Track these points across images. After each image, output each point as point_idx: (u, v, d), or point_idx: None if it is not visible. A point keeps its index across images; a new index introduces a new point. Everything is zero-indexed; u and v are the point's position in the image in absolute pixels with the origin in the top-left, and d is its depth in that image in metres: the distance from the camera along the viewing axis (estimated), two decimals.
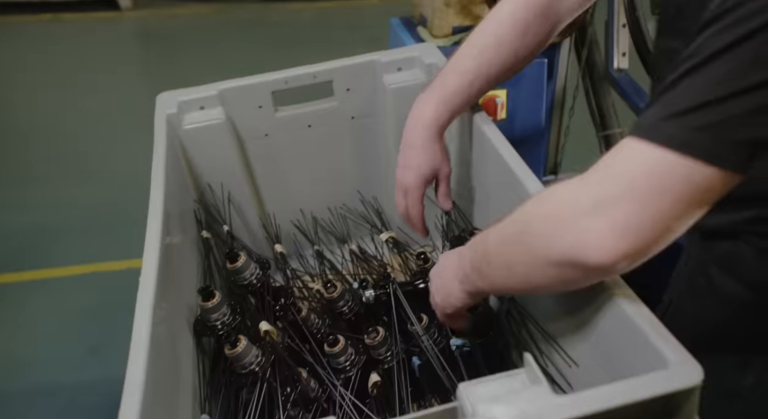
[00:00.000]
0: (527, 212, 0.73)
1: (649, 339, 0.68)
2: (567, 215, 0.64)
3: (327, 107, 1.38)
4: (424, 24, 1.76)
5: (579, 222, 0.63)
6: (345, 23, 5.29)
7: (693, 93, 0.61)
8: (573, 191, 0.65)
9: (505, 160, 1.03)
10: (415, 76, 1.35)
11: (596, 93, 1.89)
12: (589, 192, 0.63)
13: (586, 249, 0.62)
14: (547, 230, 0.67)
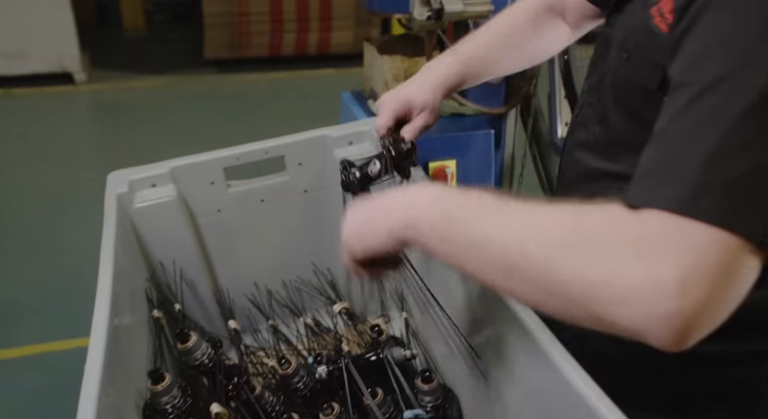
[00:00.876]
0: (574, 246, 0.59)
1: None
2: (635, 294, 0.55)
3: (279, 182, 1.40)
4: (374, 97, 1.81)
5: (651, 306, 0.54)
6: (299, 93, 5.39)
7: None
8: (642, 266, 0.55)
9: None
10: (366, 150, 1.38)
11: (543, 160, 1.96)
12: (663, 276, 0.54)
13: (651, 332, 0.55)
14: (600, 296, 0.57)
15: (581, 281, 0.57)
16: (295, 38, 5.88)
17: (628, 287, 0.55)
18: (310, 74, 5.82)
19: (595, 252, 0.57)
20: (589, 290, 0.57)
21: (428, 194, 0.71)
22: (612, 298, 0.56)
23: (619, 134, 0.80)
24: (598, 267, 0.57)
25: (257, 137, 1.38)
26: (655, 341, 0.55)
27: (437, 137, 1.62)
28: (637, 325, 0.55)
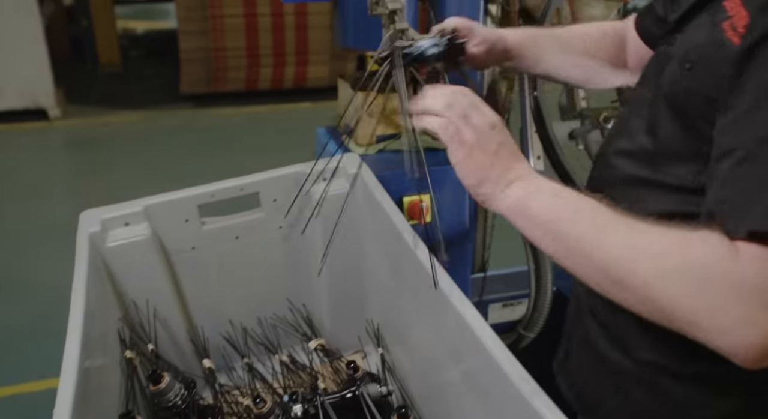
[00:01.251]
0: (675, 273, 0.69)
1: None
2: (733, 328, 0.66)
3: (254, 218, 1.40)
4: (349, 133, 1.82)
5: (744, 339, 0.66)
6: (275, 127, 5.41)
7: None
8: (741, 307, 0.66)
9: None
10: (340, 186, 1.39)
11: None
12: (757, 317, 0.65)
13: (739, 356, 0.67)
14: (701, 317, 0.67)
15: (686, 308, 0.68)
16: (271, 73, 5.92)
17: (727, 321, 0.66)
18: (287, 108, 5.86)
19: (701, 285, 0.67)
20: (692, 317, 0.68)
21: (543, 185, 0.81)
22: (712, 328, 0.67)
23: (669, 144, 0.84)
24: (704, 299, 0.67)
25: (233, 172, 1.38)
26: (741, 363, 0.67)
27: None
28: (729, 349, 0.67)
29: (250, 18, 5.58)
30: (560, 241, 0.76)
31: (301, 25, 5.68)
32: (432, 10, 1.75)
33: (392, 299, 1.30)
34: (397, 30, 1.48)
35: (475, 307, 2.05)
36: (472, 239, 1.99)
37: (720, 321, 0.66)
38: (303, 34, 5.73)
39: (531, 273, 1.90)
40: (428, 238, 1.47)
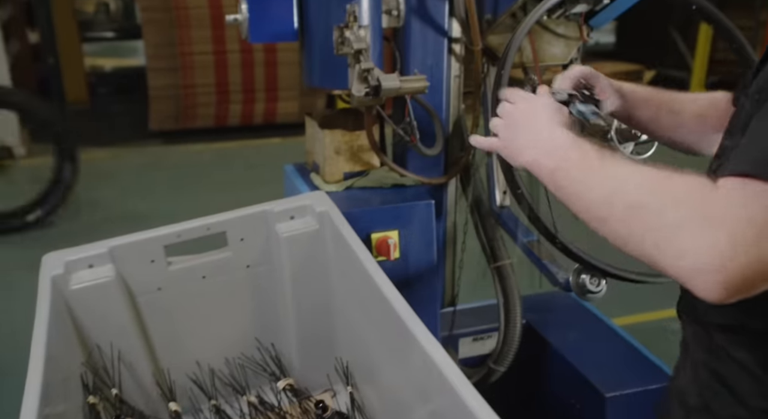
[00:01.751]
0: (650, 202, 0.74)
1: None
2: (695, 253, 0.68)
3: (221, 258, 1.39)
4: (316, 170, 1.83)
5: (701, 263, 0.67)
6: (245, 163, 5.41)
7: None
8: (699, 221, 0.68)
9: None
10: (308, 224, 1.39)
11: (485, 228, 2.00)
12: (717, 237, 0.66)
13: (697, 279, 0.68)
14: (664, 241, 0.71)
15: (656, 228, 0.72)
16: (241, 109, 5.93)
17: (691, 243, 0.68)
18: (257, 144, 5.86)
19: (672, 207, 0.71)
20: (659, 239, 0.71)
21: (553, 143, 0.93)
22: (676, 250, 0.69)
23: None
24: (672, 220, 0.70)
25: (202, 209, 1.38)
26: (700, 292, 0.68)
27: (379, 209, 1.64)
28: (688, 274, 0.68)
29: (220, 55, 5.61)
30: (561, 189, 0.88)
31: (271, 61, 5.72)
32: (397, 49, 1.79)
33: (361, 337, 1.30)
34: (363, 69, 1.51)
35: (446, 341, 2.07)
36: (442, 274, 2.00)
37: (684, 242, 0.68)
38: (272, 70, 5.77)
39: (500, 306, 1.91)
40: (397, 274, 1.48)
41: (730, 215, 0.67)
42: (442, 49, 1.78)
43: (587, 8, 1.63)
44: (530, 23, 1.48)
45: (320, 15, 1.62)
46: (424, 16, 1.73)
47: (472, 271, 2.11)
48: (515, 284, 1.91)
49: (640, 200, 0.75)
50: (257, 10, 1.57)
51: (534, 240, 1.63)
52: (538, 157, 0.94)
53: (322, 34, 1.63)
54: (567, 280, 1.48)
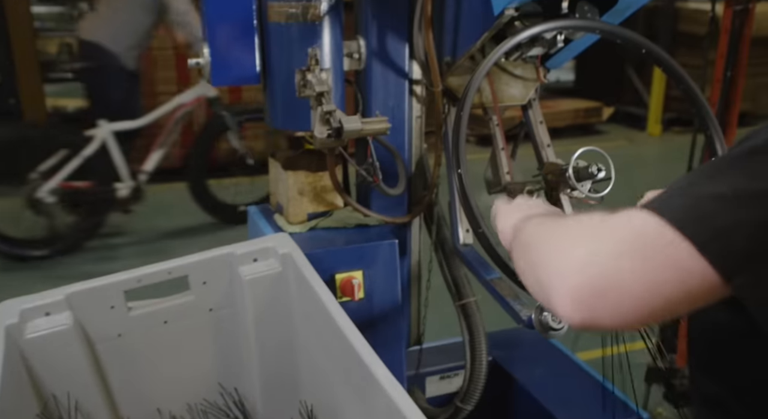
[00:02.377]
0: (540, 235, 0.77)
1: None
2: (555, 266, 0.67)
3: (183, 302, 1.38)
4: (280, 211, 1.83)
5: (559, 280, 0.65)
6: None
7: (717, 177, 0.65)
8: (571, 241, 0.68)
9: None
10: (271, 267, 1.39)
11: (449, 266, 2.01)
12: (574, 252, 0.65)
13: (556, 306, 0.66)
14: (541, 266, 0.71)
15: (545, 247, 0.72)
16: None
17: (553, 259, 0.68)
18: (225, 183, 5.82)
19: (554, 239, 0.72)
20: (544, 257, 0.71)
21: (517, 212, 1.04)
22: (545, 273, 0.69)
23: None
24: (559, 239, 0.71)
25: (167, 251, 1.36)
26: (562, 314, 0.65)
27: (343, 249, 1.65)
28: (550, 300, 0.66)
29: None
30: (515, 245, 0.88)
31: (235, 101, 5.74)
32: (359, 91, 1.81)
33: (325, 380, 1.28)
34: (325, 112, 1.53)
35: (413, 380, 2.05)
36: (407, 313, 2.00)
37: (551, 258, 0.68)
38: None
39: (466, 344, 1.91)
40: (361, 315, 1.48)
41: (601, 231, 0.66)
42: (403, 90, 1.81)
43: (543, 51, 1.68)
44: (488, 65, 1.52)
45: (282, 58, 1.64)
46: (385, 58, 1.77)
47: (438, 308, 2.12)
48: (480, 322, 1.92)
49: (527, 240, 0.80)
50: (219, 54, 1.58)
51: (497, 278, 1.64)
52: (506, 218, 1.08)
53: (284, 77, 1.65)
54: (530, 317, 1.49)
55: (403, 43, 1.77)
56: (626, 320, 0.63)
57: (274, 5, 1.59)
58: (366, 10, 1.72)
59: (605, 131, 7.01)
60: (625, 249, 0.63)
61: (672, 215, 0.64)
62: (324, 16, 1.61)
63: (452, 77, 1.75)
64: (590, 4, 1.55)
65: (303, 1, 1.58)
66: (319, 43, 1.62)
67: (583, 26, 1.53)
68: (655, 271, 0.61)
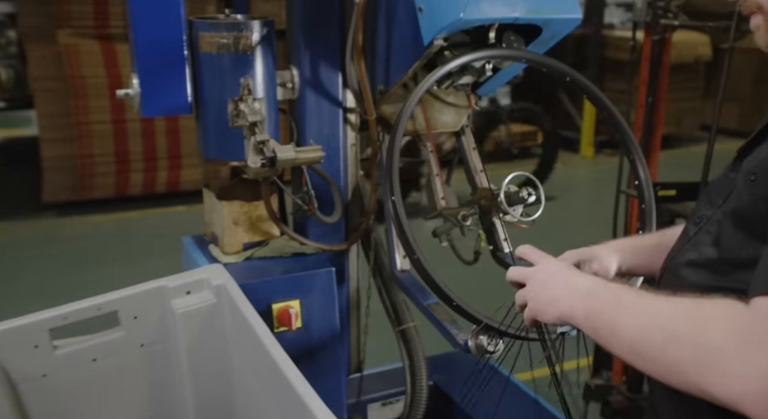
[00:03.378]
0: (685, 331, 0.76)
1: None
2: (737, 369, 0.69)
3: (113, 338, 1.34)
4: (215, 242, 1.81)
5: (749, 387, 0.68)
6: (147, 233, 5.25)
7: None
8: (742, 344, 0.70)
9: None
10: (204, 299, 1.37)
11: (388, 291, 2.02)
12: (760, 361, 0.67)
13: (750, 404, 0.68)
14: (708, 367, 0.72)
15: (693, 363, 0.73)
16: (142, 177, 5.79)
17: (733, 367, 0.69)
18: (160, 212, 5.71)
19: (706, 335, 0.73)
20: (701, 367, 0.72)
21: (584, 289, 0.96)
22: (719, 375, 0.70)
23: (734, 252, 0.93)
24: (708, 347, 0.72)
25: (103, 283, 1.33)
26: (751, 412, 0.68)
27: (279, 278, 1.64)
28: (736, 397, 0.69)
29: (119, 124, 5.49)
30: (598, 332, 0.89)
31: (173, 129, 5.65)
32: (293, 120, 1.82)
33: (261, 413, 1.27)
34: (258, 141, 1.53)
35: (354, 408, 2.04)
36: (346, 340, 1.99)
37: (727, 366, 0.70)
38: (175, 137, 5.69)
39: (406, 369, 1.92)
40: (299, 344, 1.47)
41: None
42: (337, 119, 1.83)
43: (473, 80, 1.72)
44: (420, 93, 1.54)
45: (214, 88, 1.63)
46: (319, 87, 1.78)
47: (378, 335, 2.12)
48: (420, 346, 1.93)
49: (674, 331, 0.77)
50: (149, 84, 1.56)
51: (434, 303, 1.65)
52: (571, 304, 0.96)
53: (217, 107, 1.64)
54: (466, 341, 1.51)
55: (336, 73, 1.79)
56: None
57: (205, 35, 1.59)
58: (298, 39, 1.73)
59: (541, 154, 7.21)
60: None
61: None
62: (256, 46, 1.62)
63: (386, 105, 1.78)
64: (516, 34, 1.60)
65: (234, 32, 1.58)
66: (251, 73, 1.62)
67: (510, 55, 1.58)
68: None
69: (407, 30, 1.57)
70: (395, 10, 1.62)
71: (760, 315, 0.71)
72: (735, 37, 2.12)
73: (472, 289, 2.57)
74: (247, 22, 1.62)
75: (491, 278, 1.95)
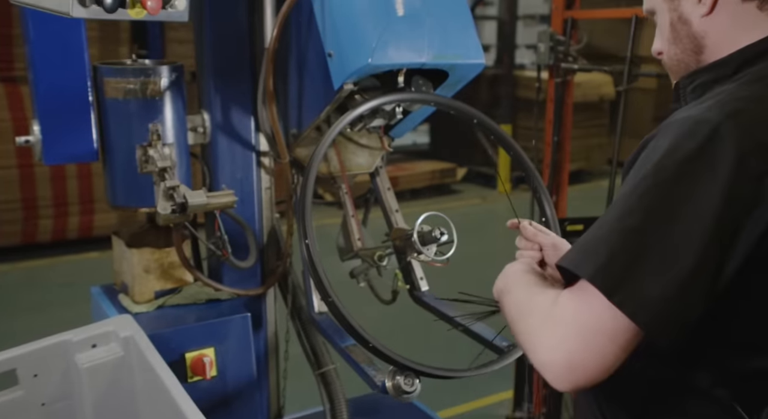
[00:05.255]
0: (524, 313, 0.94)
1: None
2: (538, 346, 0.86)
3: (11, 398, 1.27)
4: (125, 291, 1.75)
5: (543, 354, 0.85)
6: (58, 282, 5.02)
7: None
8: (543, 324, 0.87)
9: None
10: (111, 352, 1.32)
11: (307, 334, 2.00)
12: (550, 333, 0.84)
13: (546, 371, 0.84)
14: (528, 342, 0.89)
15: (523, 338, 0.91)
16: (52, 224, 5.55)
17: (535, 345, 0.87)
18: (72, 259, 5.47)
19: (530, 320, 0.91)
20: (525, 342, 0.91)
21: (506, 273, 1.09)
22: (531, 350, 0.88)
23: None
24: (530, 329, 0.89)
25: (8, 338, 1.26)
26: (549, 382, 0.84)
27: (193, 326, 1.60)
28: (541, 367, 0.85)
29: (25, 169, 5.27)
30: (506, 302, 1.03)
31: (85, 173, 5.47)
32: (205, 165, 1.80)
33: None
34: (168, 187, 1.50)
35: None
36: (265, 386, 1.95)
37: (533, 343, 0.87)
38: (87, 182, 5.50)
39: (327, 413, 1.89)
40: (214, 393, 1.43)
41: (563, 323, 0.84)
42: (250, 162, 1.82)
43: (384, 122, 1.75)
44: (331, 136, 1.56)
45: (121, 134, 1.60)
46: (231, 132, 1.78)
47: (298, 379, 2.09)
48: (340, 389, 1.91)
49: (520, 312, 0.95)
50: (51, 130, 1.52)
51: (352, 345, 1.65)
52: (497, 283, 1.09)
53: (125, 153, 1.61)
54: (383, 383, 1.51)
55: (249, 116, 1.79)
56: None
57: (110, 81, 1.56)
58: (209, 84, 1.73)
59: (460, 191, 7.36)
60: (589, 335, 0.83)
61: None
62: (164, 91, 1.60)
63: (299, 148, 1.79)
64: (425, 79, 1.65)
65: (141, 77, 1.57)
66: (160, 119, 1.60)
67: (418, 99, 1.63)
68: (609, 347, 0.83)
69: (318, 75, 1.60)
70: (306, 55, 1.64)
71: (559, 301, 0.86)
72: (629, 80, 2.26)
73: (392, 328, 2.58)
74: (155, 67, 1.61)
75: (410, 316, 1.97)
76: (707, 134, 0.81)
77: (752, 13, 0.92)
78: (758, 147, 0.81)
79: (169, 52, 5.70)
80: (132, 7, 1.09)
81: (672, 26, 0.98)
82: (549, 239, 1.28)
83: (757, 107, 0.85)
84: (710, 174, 0.80)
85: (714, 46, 0.95)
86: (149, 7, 1.09)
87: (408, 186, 6.85)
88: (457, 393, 2.79)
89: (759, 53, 0.92)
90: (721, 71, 0.94)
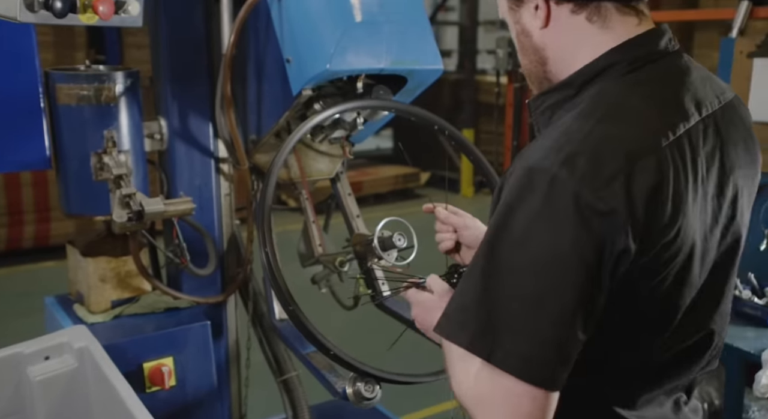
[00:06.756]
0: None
1: None
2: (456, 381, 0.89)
3: None
4: (81, 301, 1.72)
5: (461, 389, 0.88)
6: (13, 292, 4.89)
7: None
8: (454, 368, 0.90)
9: None
10: (65, 364, 1.29)
11: (269, 341, 1.98)
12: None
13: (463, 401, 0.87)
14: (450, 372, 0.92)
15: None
16: (6, 232, 5.41)
17: (455, 381, 0.89)
18: (27, 269, 5.34)
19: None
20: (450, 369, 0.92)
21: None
22: (455, 383, 0.90)
23: None
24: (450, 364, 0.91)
25: None
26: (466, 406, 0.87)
27: (150, 335, 1.57)
28: (460, 401, 0.87)
29: None
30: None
31: (41, 180, 5.34)
32: (163, 172, 1.78)
33: None
34: (124, 195, 1.48)
35: None
36: (226, 395, 1.93)
37: (453, 375, 0.90)
38: (42, 189, 5.38)
39: None
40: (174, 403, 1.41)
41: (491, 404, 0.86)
42: (209, 169, 1.80)
43: (345, 134, 1.75)
44: (291, 144, 1.55)
45: (75, 141, 1.57)
46: (189, 138, 1.75)
47: (261, 387, 2.07)
48: (303, 396, 1.90)
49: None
50: (1, 137, 1.49)
51: (313, 351, 1.64)
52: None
53: (79, 161, 1.58)
54: (344, 389, 1.50)
55: (207, 123, 1.77)
56: None
57: (63, 87, 1.53)
58: (166, 90, 1.71)
59: (424, 195, 7.39)
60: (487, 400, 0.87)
61: None
62: (119, 97, 1.58)
63: (259, 154, 1.78)
64: (384, 85, 1.65)
65: (95, 83, 1.54)
66: (115, 125, 1.58)
67: (378, 105, 1.63)
68: None
69: (276, 80, 1.59)
70: (264, 61, 1.63)
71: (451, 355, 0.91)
72: None
73: (355, 333, 2.58)
74: (110, 73, 1.58)
75: (373, 322, 1.97)
76: (544, 188, 0.83)
77: (583, 25, 0.93)
78: (593, 191, 0.82)
79: (128, 57, 5.62)
80: (83, 12, 1.08)
81: (518, 38, 1.00)
82: (462, 221, 1.31)
83: (588, 144, 0.85)
84: (556, 225, 0.83)
85: (556, 58, 0.97)
86: (101, 12, 1.08)
87: (372, 191, 6.85)
88: (419, 398, 2.79)
89: (595, 73, 0.93)
90: (564, 92, 0.96)
